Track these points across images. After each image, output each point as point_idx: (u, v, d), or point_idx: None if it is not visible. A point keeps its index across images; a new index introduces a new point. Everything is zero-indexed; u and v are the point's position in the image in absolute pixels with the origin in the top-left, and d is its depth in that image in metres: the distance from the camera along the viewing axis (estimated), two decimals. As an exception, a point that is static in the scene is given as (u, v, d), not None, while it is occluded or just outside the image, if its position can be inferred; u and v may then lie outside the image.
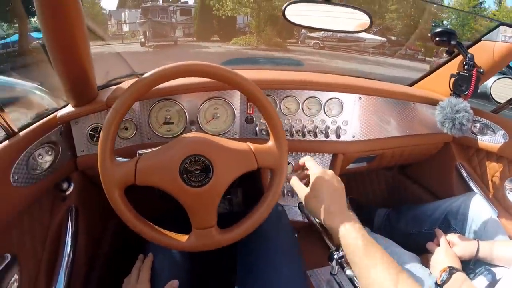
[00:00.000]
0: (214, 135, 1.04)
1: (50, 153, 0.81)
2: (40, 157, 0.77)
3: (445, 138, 1.27)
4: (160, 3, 17.06)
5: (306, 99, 1.06)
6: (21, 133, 0.72)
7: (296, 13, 0.90)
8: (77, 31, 0.63)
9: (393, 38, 14.25)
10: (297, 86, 1.04)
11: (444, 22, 16.29)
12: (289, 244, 0.84)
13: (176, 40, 14.77)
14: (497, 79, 1.19)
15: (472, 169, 1.26)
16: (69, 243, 0.88)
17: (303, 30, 14.90)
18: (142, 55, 11.06)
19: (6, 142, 0.68)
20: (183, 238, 0.67)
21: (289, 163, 1.12)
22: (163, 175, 0.64)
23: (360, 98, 1.10)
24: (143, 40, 13.58)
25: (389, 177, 1.60)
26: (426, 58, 13.29)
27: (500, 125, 1.13)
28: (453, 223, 1.06)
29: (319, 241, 1.09)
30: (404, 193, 1.53)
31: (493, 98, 1.18)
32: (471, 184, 1.22)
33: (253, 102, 0.69)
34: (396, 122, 1.18)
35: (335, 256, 0.74)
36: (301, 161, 0.74)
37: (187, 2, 18.06)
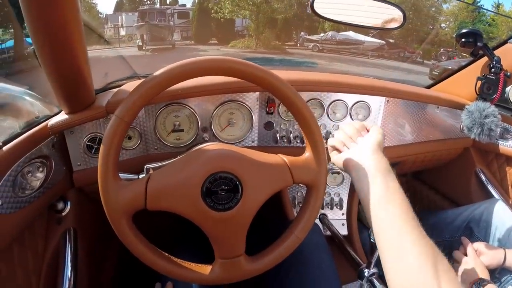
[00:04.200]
0: (229, 143, 0.93)
1: (41, 169, 0.70)
2: (30, 174, 0.67)
3: (465, 143, 1.22)
4: (157, 6, 17.01)
5: (332, 102, 0.97)
6: (5, 148, 0.61)
7: (325, 6, 0.80)
8: (71, 22, 0.49)
9: (391, 40, 14.23)
10: (323, 88, 0.93)
11: (442, 25, 16.33)
12: (328, 266, 0.76)
13: (173, 43, 14.68)
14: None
15: (491, 174, 1.23)
16: (68, 273, 0.78)
17: (302, 32, 14.93)
18: (139, 59, 10.93)
19: (-14, 159, 0.56)
20: (206, 269, 0.57)
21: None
22: (182, 198, 0.52)
23: (388, 101, 1.03)
24: (140, 43, 13.46)
25: (403, 182, 1.56)
26: (425, 61, 13.30)
27: None
28: (476, 231, 1.02)
29: (342, 254, 1.00)
30: (419, 199, 1.48)
31: None
32: (491, 189, 1.18)
33: (287, 106, 0.57)
34: (419, 127, 1.12)
35: (366, 274, 0.71)
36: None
37: (185, 5, 18.03)
